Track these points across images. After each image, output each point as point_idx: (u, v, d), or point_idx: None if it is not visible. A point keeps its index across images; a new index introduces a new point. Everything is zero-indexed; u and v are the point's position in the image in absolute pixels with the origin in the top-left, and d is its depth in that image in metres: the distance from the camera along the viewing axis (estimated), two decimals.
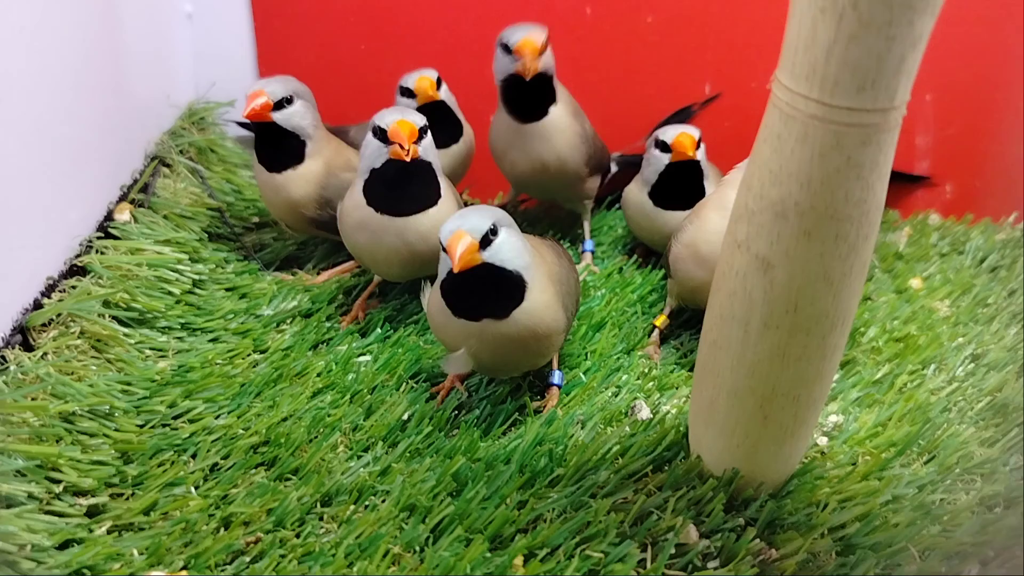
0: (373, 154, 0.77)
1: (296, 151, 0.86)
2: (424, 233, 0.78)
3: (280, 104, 0.84)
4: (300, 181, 0.87)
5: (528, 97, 0.91)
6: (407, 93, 0.93)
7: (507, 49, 0.87)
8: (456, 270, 0.63)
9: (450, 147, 0.97)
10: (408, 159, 0.74)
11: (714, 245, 0.77)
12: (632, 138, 1.07)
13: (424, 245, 0.79)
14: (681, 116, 1.07)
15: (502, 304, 0.67)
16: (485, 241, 0.65)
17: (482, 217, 0.65)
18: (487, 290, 0.66)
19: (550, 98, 0.91)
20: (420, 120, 0.76)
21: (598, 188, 1.00)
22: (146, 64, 1.00)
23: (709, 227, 0.78)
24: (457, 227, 0.64)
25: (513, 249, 0.67)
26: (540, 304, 0.68)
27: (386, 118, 0.76)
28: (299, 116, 0.85)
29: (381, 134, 0.76)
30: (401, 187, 0.77)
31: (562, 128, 0.92)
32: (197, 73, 1.11)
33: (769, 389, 0.58)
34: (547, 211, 1.09)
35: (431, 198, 0.79)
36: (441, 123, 0.95)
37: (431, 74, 0.93)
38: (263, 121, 0.84)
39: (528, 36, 0.86)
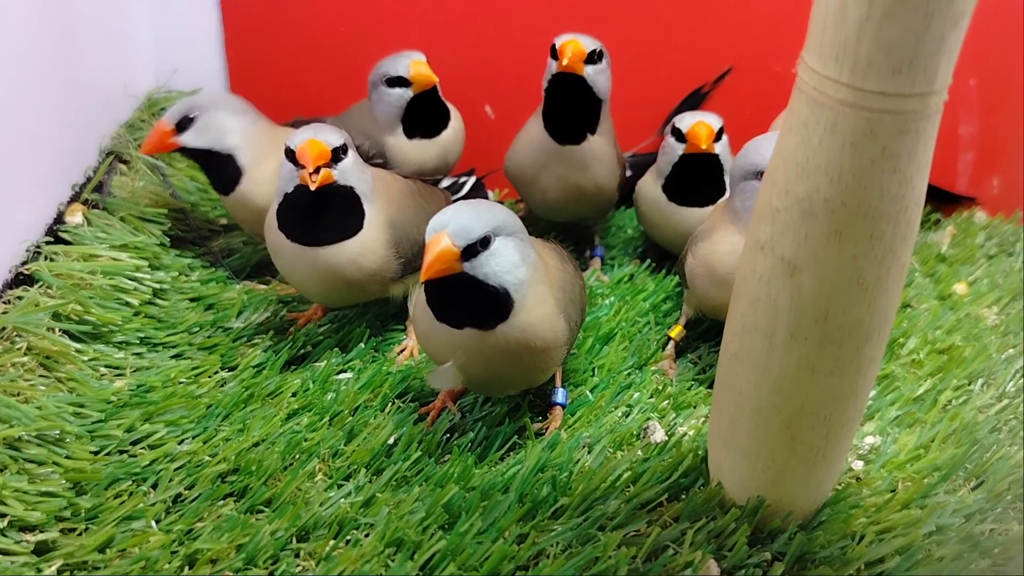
0: (286, 177, 0.77)
1: (228, 165, 0.88)
2: (343, 264, 0.79)
3: (182, 125, 0.86)
4: (249, 196, 0.88)
5: (576, 114, 0.90)
6: (398, 83, 0.94)
7: (553, 53, 0.88)
8: (421, 279, 0.62)
9: (440, 135, 0.98)
10: (313, 187, 0.74)
11: (731, 264, 0.77)
12: (644, 132, 1.08)
13: (356, 272, 0.79)
14: (692, 101, 1.07)
15: (483, 315, 0.66)
16: (471, 251, 0.63)
17: (477, 219, 0.63)
18: (463, 301, 0.66)
19: (593, 121, 0.91)
20: (336, 139, 0.76)
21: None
22: (101, 49, 1.00)
23: (725, 244, 0.78)
24: (442, 226, 0.63)
25: (506, 263, 0.65)
26: (536, 317, 0.67)
27: (296, 138, 0.76)
28: (221, 132, 0.87)
29: (291, 156, 0.76)
30: (313, 215, 0.77)
31: (602, 154, 0.93)
32: (158, 59, 1.11)
33: (797, 407, 0.58)
34: None
35: (349, 228, 0.78)
36: (429, 110, 0.96)
37: (420, 57, 0.94)
38: (168, 151, 0.87)
39: (576, 39, 0.87)
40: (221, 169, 0.88)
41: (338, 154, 0.76)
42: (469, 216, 0.63)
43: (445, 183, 1.00)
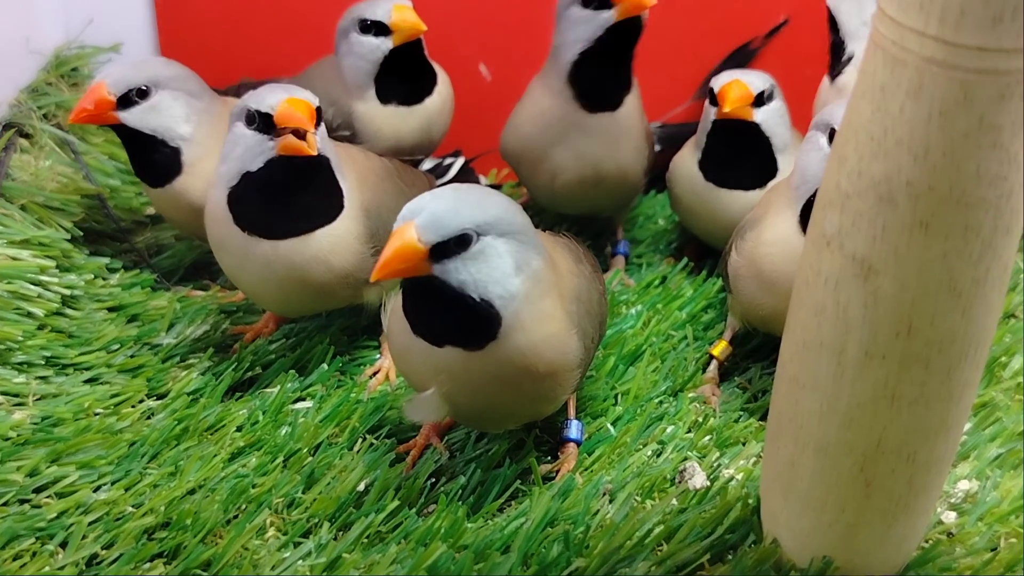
0: (248, 152, 0.77)
1: (169, 159, 0.88)
2: (308, 261, 0.79)
3: (128, 98, 0.86)
4: (186, 191, 0.89)
5: (617, 71, 0.91)
6: (374, 28, 0.94)
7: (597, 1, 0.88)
8: (372, 277, 0.62)
9: (423, 101, 0.98)
10: (315, 152, 0.75)
11: (780, 260, 0.77)
12: (677, 98, 1.08)
13: (323, 272, 0.80)
14: (738, 59, 1.07)
15: (463, 332, 0.66)
16: (442, 250, 0.62)
17: (455, 212, 0.62)
18: (437, 312, 0.66)
19: (630, 76, 0.92)
20: (314, 98, 0.77)
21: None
22: None
23: (774, 233, 0.78)
24: (412, 214, 0.62)
25: (493, 271, 0.64)
26: (538, 338, 0.67)
27: (267, 98, 0.76)
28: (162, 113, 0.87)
29: (263, 121, 0.76)
30: (288, 198, 0.78)
31: (633, 126, 0.93)
32: (67, 6, 1.11)
33: (873, 445, 0.58)
34: None
35: (330, 210, 0.79)
36: (410, 69, 0.96)
37: (405, 1, 0.94)
38: (101, 124, 0.88)
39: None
40: (158, 159, 0.88)
41: (319, 116, 0.77)
42: (446, 206, 0.62)
43: (427, 165, 1.01)
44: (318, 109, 0.76)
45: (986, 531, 0.70)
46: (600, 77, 0.91)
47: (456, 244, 0.62)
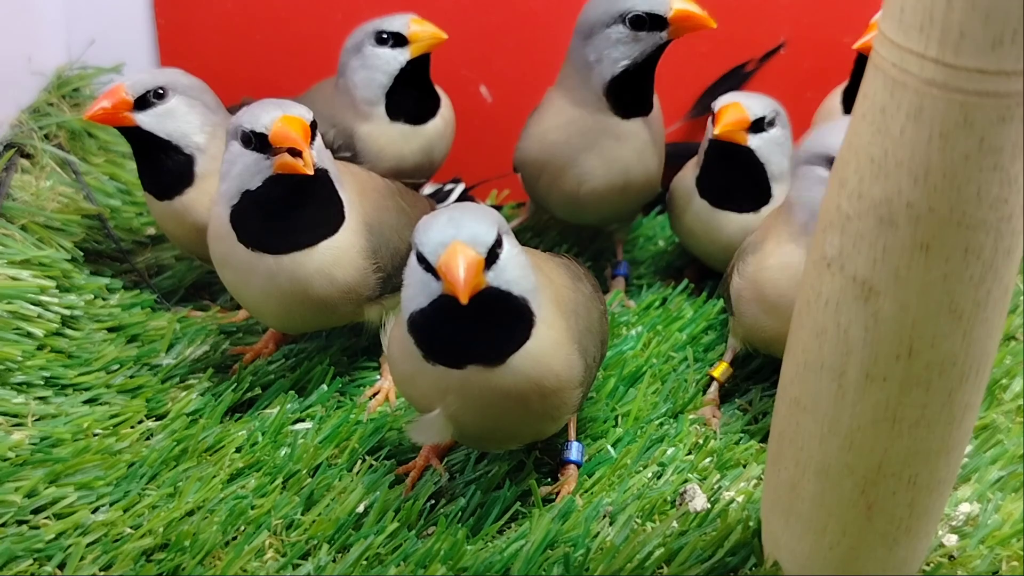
0: (246, 171, 0.77)
1: (181, 168, 0.88)
2: (311, 275, 0.79)
3: (145, 100, 0.86)
4: (192, 207, 0.88)
5: (651, 80, 0.91)
6: (391, 40, 0.94)
7: (651, 22, 0.88)
8: (465, 300, 0.62)
9: (427, 122, 0.98)
10: (311, 171, 0.75)
11: (784, 285, 0.77)
12: (671, 116, 1.08)
13: (326, 286, 0.80)
14: (732, 80, 1.07)
15: (502, 343, 0.66)
16: (492, 257, 0.64)
17: (482, 222, 0.64)
18: (486, 325, 0.66)
19: (653, 81, 0.93)
20: (307, 113, 0.77)
21: None
22: None
23: (777, 258, 0.78)
24: (452, 238, 0.63)
25: (519, 265, 0.66)
26: (548, 344, 0.67)
27: (261, 117, 0.76)
28: (178, 118, 0.87)
29: (258, 141, 0.76)
30: (289, 213, 0.78)
31: (659, 129, 0.93)
32: (70, 28, 1.11)
33: (874, 467, 0.58)
34: None
35: (331, 222, 0.79)
36: (421, 87, 0.96)
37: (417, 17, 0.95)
38: (118, 125, 0.86)
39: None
40: (170, 169, 0.88)
41: (313, 131, 0.77)
42: (471, 219, 0.64)
43: (427, 190, 1.01)
44: (313, 124, 0.76)
45: (988, 554, 0.70)
46: (638, 88, 0.92)
47: (497, 246, 0.64)
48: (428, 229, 0.64)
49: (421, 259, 0.64)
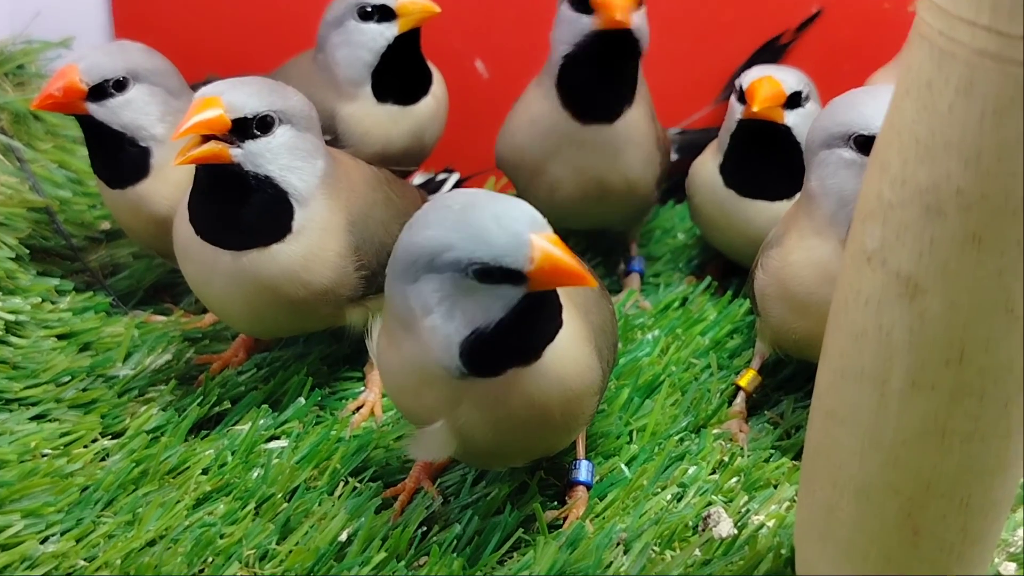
0: None
1: (136, 160, 0.87)
2: (278, 275, 0.78)
3: (102, 89, 0.84)
4: (150, 197, 0.87)
5: (607, 81, 0.90)
6: (377, 14, 0.93)
7: (580, 3, 0.88)
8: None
9: (418, 102, 0.98)
10: (176, 162, 0.74)
11: (809, 281, 0.77)
12: (699, 101, 1.09)
13: (298, 288, 0.78)
14: (767, 55, 1.08)
15: (539, 337, 0.65)
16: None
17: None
18: (535, 323, 0.65)
19: (631, 88, 0.92)
20: (253, 104, 0.75)
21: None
22: None
23: (802, 252, 0.78)
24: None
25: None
26: (567, 341, 0.67)
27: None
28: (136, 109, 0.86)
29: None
30: (228, 208, 0.77)
31: (639, 134, 0.93)
32: None
33: (921, 487, 0.56)
34: None
35: (275, 228, 0.78)
36: (410, 63, 0.96)
37: None
38: (69, 113, 0.86)
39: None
40: (123, 159, 0.87)
41: (249, 127, 0.75)
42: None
43: (418, 180, 1.00)
44: (244, 119, 0.75)
45: None
46: (588, 86, 0.91)
47: None
48: None
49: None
